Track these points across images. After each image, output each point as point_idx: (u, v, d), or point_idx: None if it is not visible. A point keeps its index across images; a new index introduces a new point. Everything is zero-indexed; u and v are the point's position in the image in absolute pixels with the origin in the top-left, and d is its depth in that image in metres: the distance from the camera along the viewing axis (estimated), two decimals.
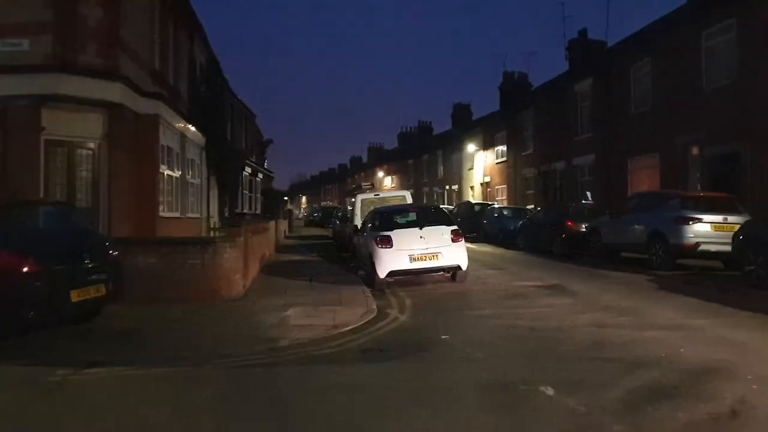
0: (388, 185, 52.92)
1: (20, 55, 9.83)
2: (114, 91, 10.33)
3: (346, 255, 16.34)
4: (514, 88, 33.62)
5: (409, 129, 58.06)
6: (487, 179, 33.19)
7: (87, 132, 10.43)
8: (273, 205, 31.46)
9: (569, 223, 15.73)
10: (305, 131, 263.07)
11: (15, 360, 5.62)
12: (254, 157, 31.81)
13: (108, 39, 10.44)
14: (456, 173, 38.57)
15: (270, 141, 42.01)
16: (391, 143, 66.59)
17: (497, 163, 31.87)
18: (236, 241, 9.61)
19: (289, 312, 8.16)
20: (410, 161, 49.69)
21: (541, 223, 17.59)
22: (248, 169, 27.31)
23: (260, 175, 31.99)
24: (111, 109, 10.49)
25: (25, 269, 5.96)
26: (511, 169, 29.94)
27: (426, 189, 45.12)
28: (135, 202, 10.85)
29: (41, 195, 9.68)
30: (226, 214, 20.79)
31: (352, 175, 76.87)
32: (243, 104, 29.09)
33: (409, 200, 15.88)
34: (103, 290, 6.83)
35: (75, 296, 6.42)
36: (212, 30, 18.31)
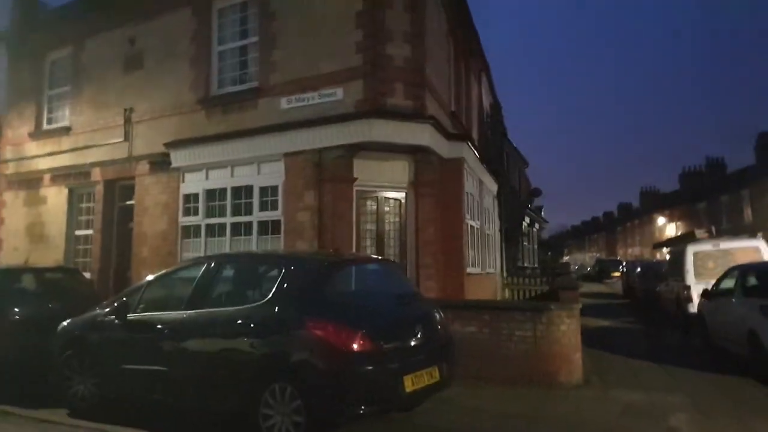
0: (670, 234, 45.35)
1: (334, 105, 9.49)
2: (423, 134, 9.30)
3: (668, 321, 12.85)
4: None
5: (693, 168, 49.86)
6: None
7: (394, 181, 9.59)
8: (552, 258, 28.70)
9: None
10: (563, 179, 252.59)
11: None
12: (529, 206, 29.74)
13: (415, 78, 9.57)
14: None
15: (539, 191, 39.61)
16: (665, 185, 58.09)
17: None
18: (573, 308, 7.42)
19: (673, 422, 5.59)
20: (700, 205, 41.81)
21: None
22: (527, 219, 25.28)
23: (537, 226, 29.69)
24: (417, 154, 9.52)
25: (354, 347, 4.60)
26: None
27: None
28: (442, 256, 9.53)
29: (354, 249, 8.99)
30: (514, 267, 18.91)
31: (622, 223, 69.80)
32: (518, 151, 27.56)
33: (767, 253, 11.74)
34: (437, 375, 5.21)
35: (409, 384, 4.87)
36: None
